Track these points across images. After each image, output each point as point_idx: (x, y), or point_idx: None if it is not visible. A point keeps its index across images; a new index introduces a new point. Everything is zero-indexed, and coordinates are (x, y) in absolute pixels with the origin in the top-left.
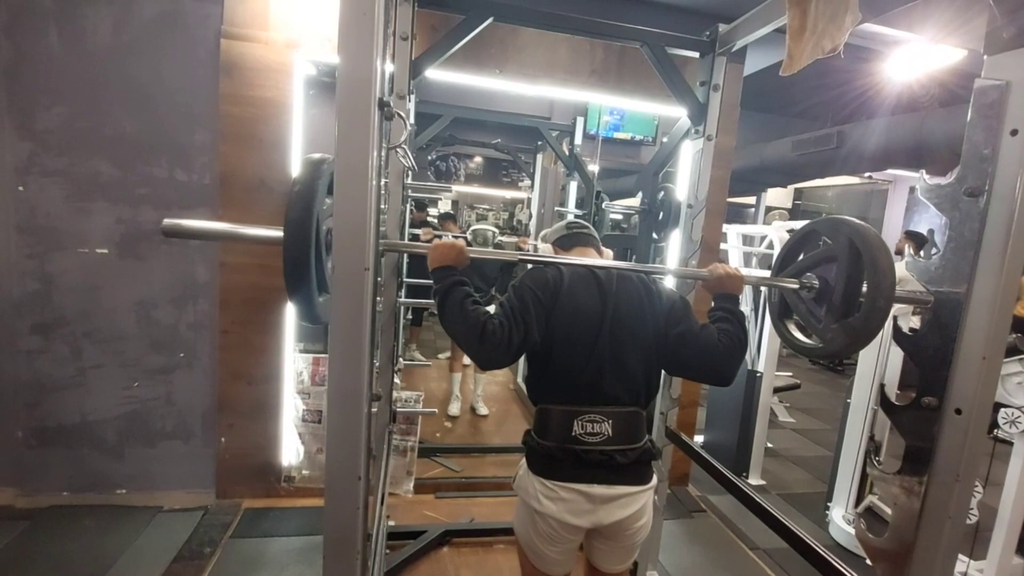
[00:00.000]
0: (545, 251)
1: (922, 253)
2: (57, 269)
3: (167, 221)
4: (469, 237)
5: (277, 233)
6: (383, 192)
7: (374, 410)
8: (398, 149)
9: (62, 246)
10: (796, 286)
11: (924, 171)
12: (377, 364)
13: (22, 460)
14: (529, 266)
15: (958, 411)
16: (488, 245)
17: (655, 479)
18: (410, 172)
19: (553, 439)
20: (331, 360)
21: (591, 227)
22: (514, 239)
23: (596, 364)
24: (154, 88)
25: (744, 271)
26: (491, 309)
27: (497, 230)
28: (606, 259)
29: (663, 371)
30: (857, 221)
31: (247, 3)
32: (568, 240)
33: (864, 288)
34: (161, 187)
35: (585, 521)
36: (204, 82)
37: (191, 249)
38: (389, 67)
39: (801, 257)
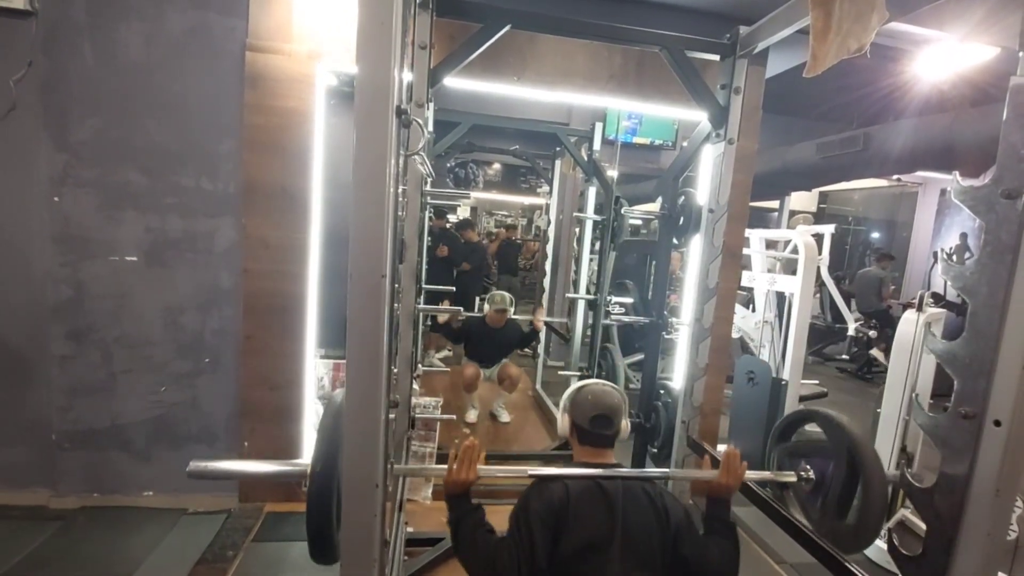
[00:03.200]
0: (563, 422)
1: (953, 258)
2: (89, 276)
3: (193, 464)
4: (487, 307)
5: (301, 469)
6: (401, 199)
7: (392, 416)
8: (416, 156)
9: (93, 254)
10: (793, 479)
11: (956, 173)
12: (395, 370)
13: (55, 462)
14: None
15: (997, 423)
16: (506, 307)
17: None
18: (428, 179)
19: None
20: (349, 367)
21: (617, 420)
22: (528, 317)
23: None
24: (182, 100)
25: (745, 471)
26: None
27: (513, 298)
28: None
29: None
30: (848, 424)
31: (271, 16)
32: (586, 437)
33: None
34: (188, 196)
35: None
36: (229, 93)
37: (215, 256)
38: (407, 75)
39: (795, 439)
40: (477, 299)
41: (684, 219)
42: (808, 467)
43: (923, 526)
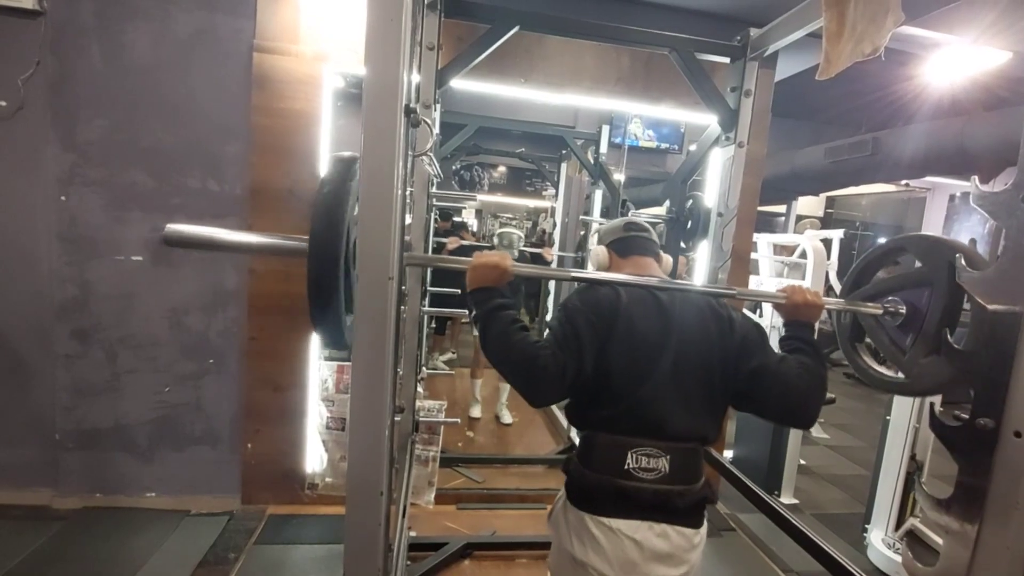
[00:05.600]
0: (598, 253)
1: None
2: (95, 276)
3: (170, 227)
4: (495, 241)
5: (300, 244)
6: (409, 201)
7: (397, 419)
8: (424, 157)
9: (100, 254)
10: (879, 311)
11: (975, 177)
12: (400, 373)
13: (58, 462)
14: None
15: (1017, 434)
16: (513, 248)
17: (705, 527)
18: (435, 180)
19: (601, 470)
20: (354, 371)
21: (651, 229)
22: (538, 251)
23: (657, 395)
24: (189, 101)
25: (823, 297)
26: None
27: (522, 234)
28: (666, 266)
29: (729, 407)
30: (958, 241)
31: (278, 17)
32: (625, 245)
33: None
34: (194, 197)
35: None
36: (236, 95)
37: (221, 256)
38: (415, 76)
39: (877, 278)
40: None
41: (692, 223)
42: (895, 300)
43: (932, 536)
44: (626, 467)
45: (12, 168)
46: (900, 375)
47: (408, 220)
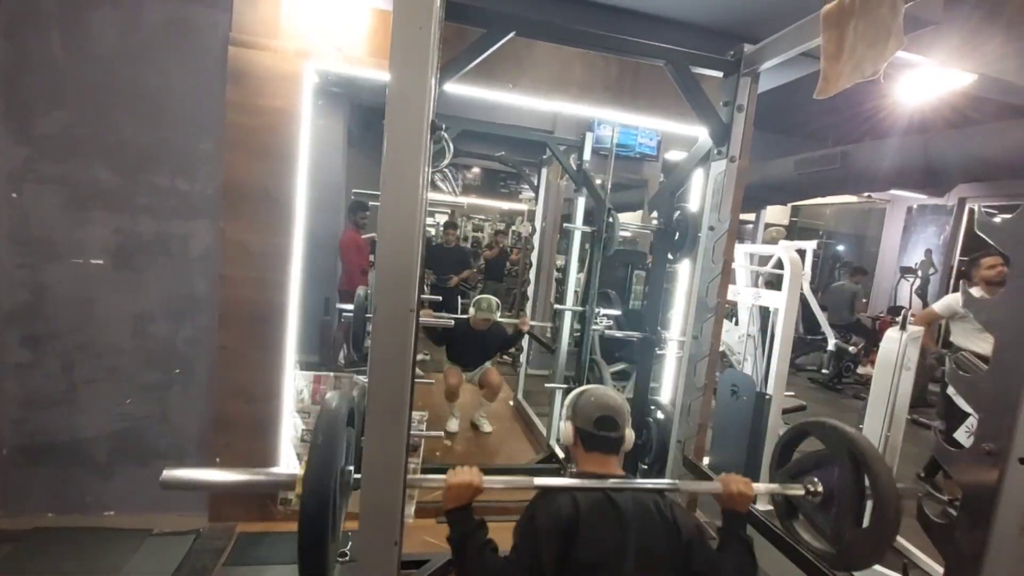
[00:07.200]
0: (566, 432)
1: (919, 274)
2: (50, 280)
3: (167, 473)
4: (472, 311)
5: (291, 479)
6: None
7: (412, 466)
8: (439, 173)
9: (56, 256)
10: (801, 492)
11: (979, 206)
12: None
13: (7, 479)
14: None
15: (1023, 461)
16: (492, 312)
17: None
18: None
19: None
20: (369, 413)
21: (622, 422)
22: (514, 321)
23: None
24: (159, 95)
25: (753, 484)
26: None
27: (497, 304)
28: (627, 444)
29: None
30: (846, 428)
31: (256, 11)
32: (591, 441)
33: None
34: (162, 196)
35: None
36: (210, 90)
37: (190, 262)
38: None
39: (796, 457)
40: (460, 301)
41: (680, 235)
42: (815, 479)
43: (916, 552)
44: None
45: None
46: (833, 548)
47: None
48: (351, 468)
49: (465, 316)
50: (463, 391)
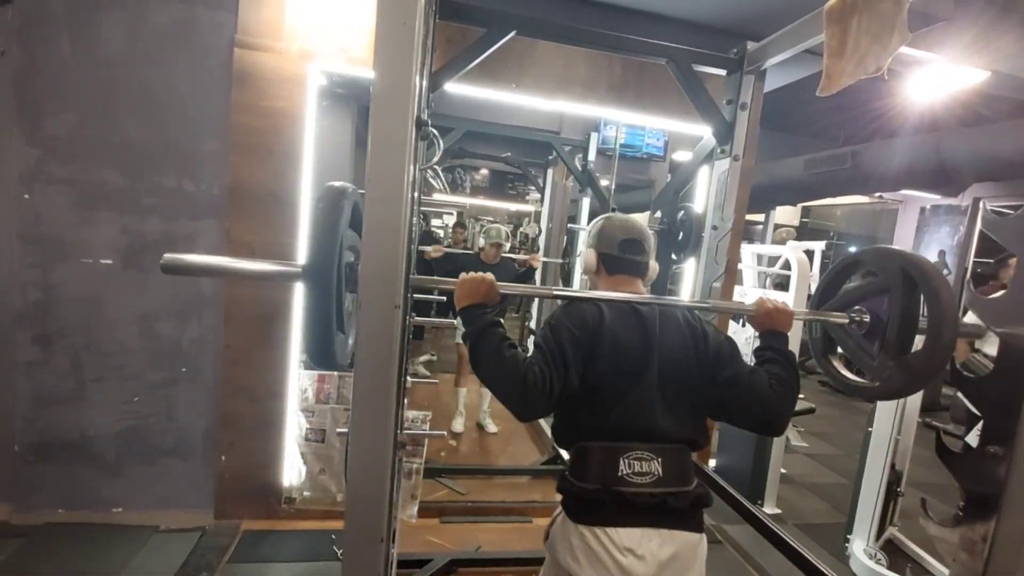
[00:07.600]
0: (588, 258)
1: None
2: (59, 279)
3: (168, 256)
4: (481, 242)
5: (294, 269)
6: (414, 221)
7: (400, 459)
8: (428, 170)
9: (65, 256)
10: (845, 320)
11: (985, 201)
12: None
13: (18, 475)
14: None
15: None
16: (502, 241)
17: (705, 535)
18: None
19: (596, 480)
20: (354, 408)
21: (648, 247)
22: (525, 257)
23: (644, 402)
24: (165, 97)
25: (792, 307)
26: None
27: (508, 231)
28: (652, 274)
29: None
30: (907, 251)
31: (261, 12)
32: (615, 264)
33: (923, 322)
34: (169, 197)
35: None
36: (216, 91)
37: None
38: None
39: (843, 290)
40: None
41: (684, 234)
42: (861, 309)
43: (912, 546)
44: (620, 473)
45: None
46: (873, 382)
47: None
48: (348, 262)
49: (472, 252)
50: (470, 391)
